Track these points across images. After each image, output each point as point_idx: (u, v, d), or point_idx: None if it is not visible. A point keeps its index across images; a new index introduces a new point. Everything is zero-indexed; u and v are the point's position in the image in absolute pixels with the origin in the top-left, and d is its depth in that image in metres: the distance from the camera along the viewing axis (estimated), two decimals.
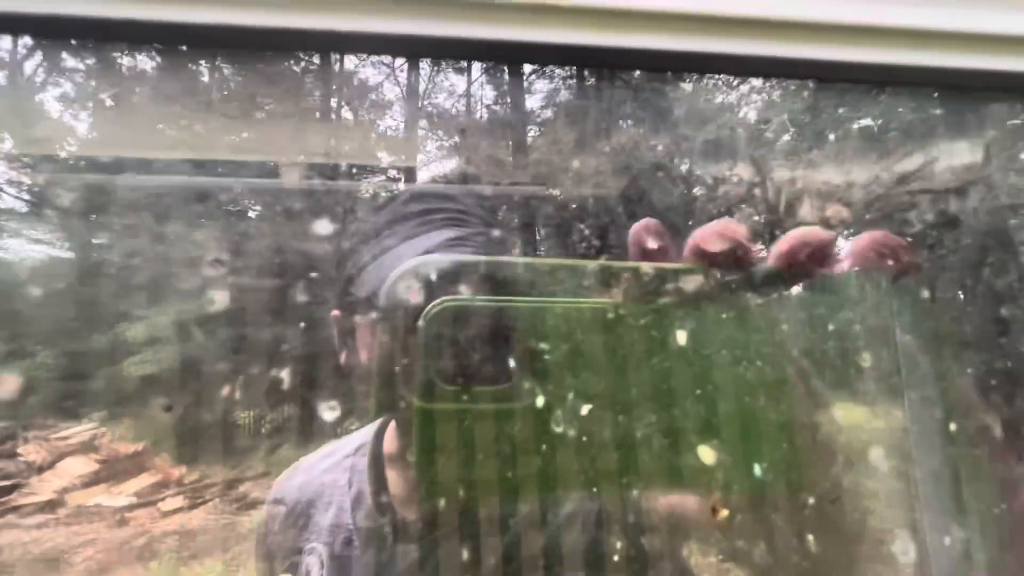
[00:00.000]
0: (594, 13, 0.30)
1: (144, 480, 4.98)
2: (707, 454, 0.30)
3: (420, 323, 0.29)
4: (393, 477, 0.60)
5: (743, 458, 0.29)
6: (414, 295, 0.30)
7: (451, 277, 0.30)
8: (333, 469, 0.67)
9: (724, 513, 0.30)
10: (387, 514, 0.60)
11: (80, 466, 4.91)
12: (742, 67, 0.31)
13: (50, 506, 4.51)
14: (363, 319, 0.55)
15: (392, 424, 0.62)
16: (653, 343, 0.29)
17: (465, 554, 0.48)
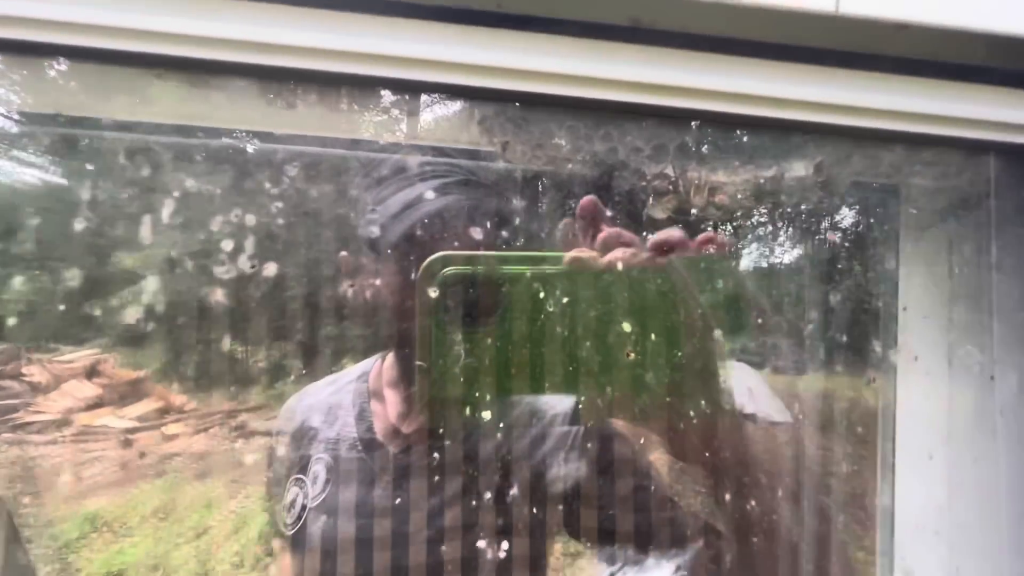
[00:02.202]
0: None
1: (147, 405, 5.08)
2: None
3: (432, 284, 0.39)
4: (390, 396, 0.68)
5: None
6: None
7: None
8: (337, 392, 0.75)
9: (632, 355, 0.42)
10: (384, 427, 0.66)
11: (84, 389, 4.96)
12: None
13: (57, 425, 4.65)
14: (368, 260, 0.61)
15: (390, 355, 0.71)
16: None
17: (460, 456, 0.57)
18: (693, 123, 0.46)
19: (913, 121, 0.47)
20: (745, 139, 0.47)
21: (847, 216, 0.51)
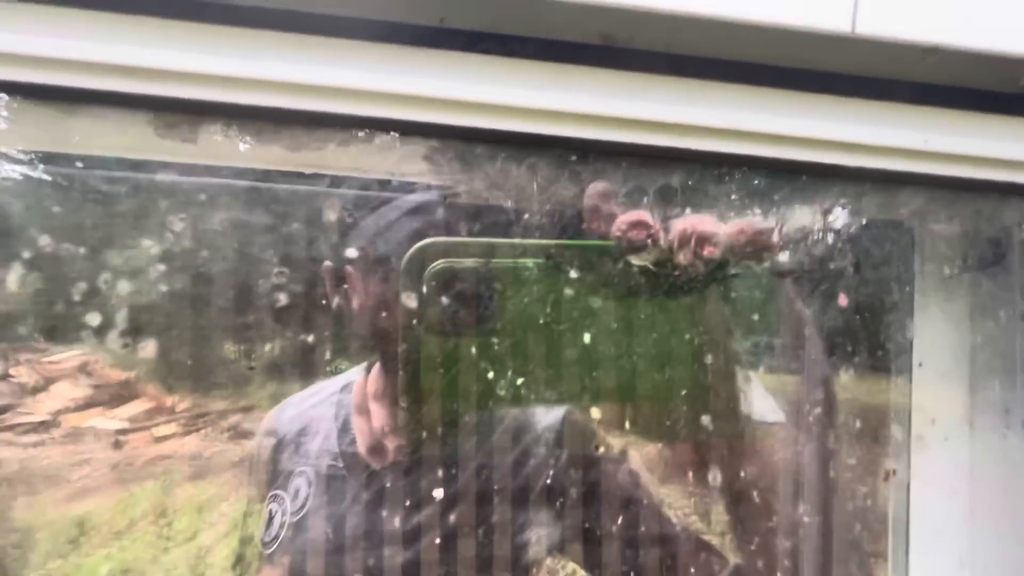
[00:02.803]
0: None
1: (137, 406, 5.05)
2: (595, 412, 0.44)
3: (423, 281, 0.35)
4: (376, 410, 0.67)
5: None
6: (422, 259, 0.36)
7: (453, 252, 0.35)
8: (320, 404, 0.72)
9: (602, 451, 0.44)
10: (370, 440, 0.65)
11: (73, 390, 4.95)
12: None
13: (45, 426, 4.60)
14: (355, 270, 0.60)
15: (376, 366, 0.70)
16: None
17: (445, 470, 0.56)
18: (677, 163, 0.38)
19: (936, 161, 0.40)
20: (740, 181, 0.39)
21: (855, 263, 0.44)
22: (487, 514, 0.59)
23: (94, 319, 0.44)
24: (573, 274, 0.38)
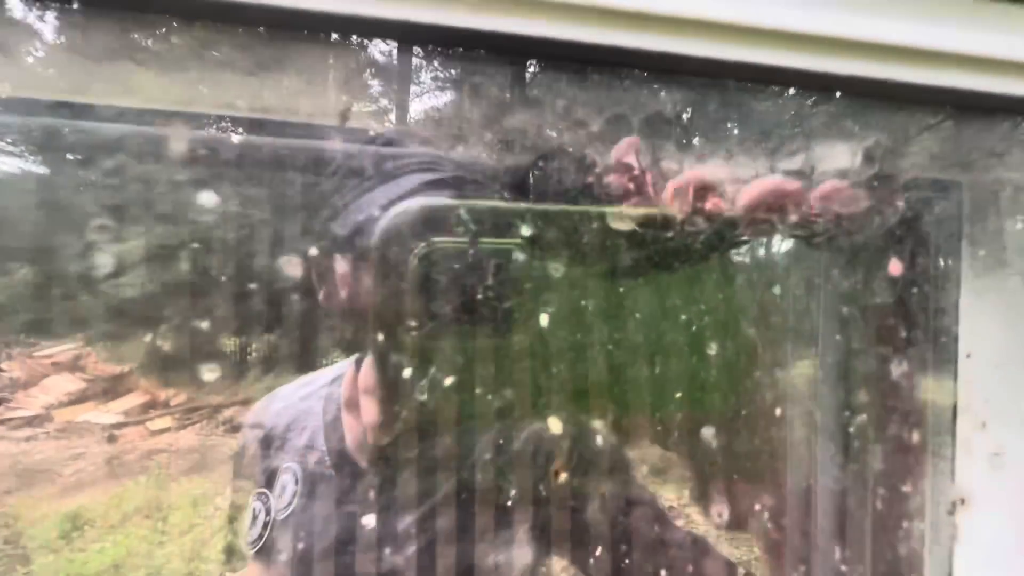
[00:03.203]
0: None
1: (132, 400, 5.03)
2: (555, 424, 0.37)
3: (411, 261, 0.30)
4: (366, 405, 0.63)
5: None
6: (408, 233, 0.30)
7: (442, 219, 0.30)
8: (309, 397, 0.70)
9: (563, 476, 0.38)
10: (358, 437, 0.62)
11: (66, 384, 4.92)
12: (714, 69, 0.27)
13: (37, 420, 4.57)
14: (343, 258, 0.57)
15: (367, 359, 0.67)
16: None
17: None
18: (671, 79, 0.28)
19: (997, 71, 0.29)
20: (754, 107, 0.29)
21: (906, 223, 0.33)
22: (478, 516, 0.56)
23: None
24: (552, 253, 0.31)
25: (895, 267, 0.34)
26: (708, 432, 0.30)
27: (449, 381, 0.32)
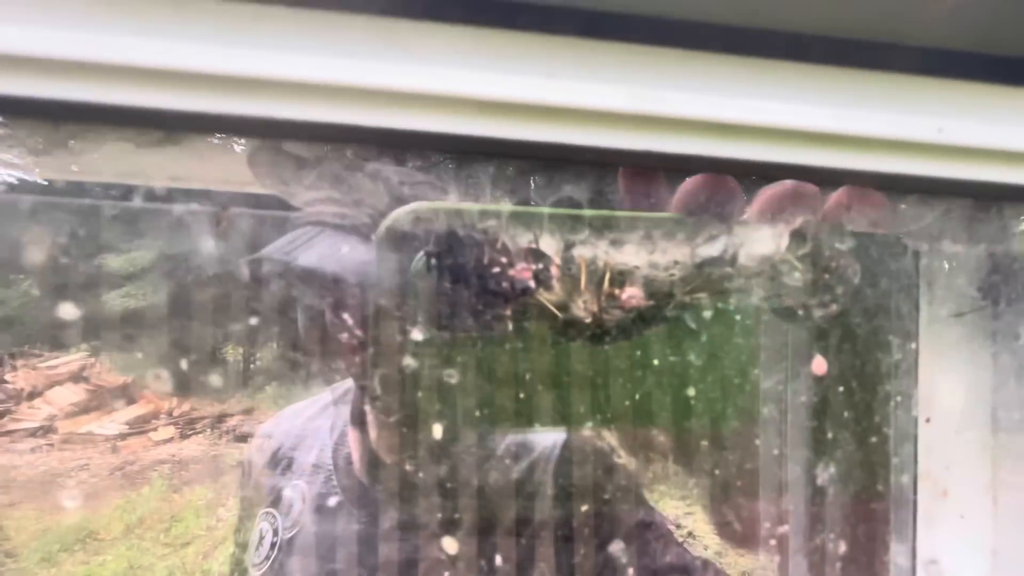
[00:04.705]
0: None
1: (135, 410, 5.06)
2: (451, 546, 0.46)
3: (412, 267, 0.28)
4: (372, 421, 0.62)
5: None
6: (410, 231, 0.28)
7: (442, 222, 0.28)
8: (317, 416, 0.69)
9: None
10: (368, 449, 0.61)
11: (70, 395, 4.96)
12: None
13: (41, 431, 4.60)
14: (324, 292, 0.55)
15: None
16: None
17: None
18: (577, 165, 0.26)
19: (952, 158, 0.27)
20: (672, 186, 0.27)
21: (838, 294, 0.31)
22: (491, 540, 0.55)
23: None
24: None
25: (819, 366, 0.32)
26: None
27: (452, 400, 0.30)
